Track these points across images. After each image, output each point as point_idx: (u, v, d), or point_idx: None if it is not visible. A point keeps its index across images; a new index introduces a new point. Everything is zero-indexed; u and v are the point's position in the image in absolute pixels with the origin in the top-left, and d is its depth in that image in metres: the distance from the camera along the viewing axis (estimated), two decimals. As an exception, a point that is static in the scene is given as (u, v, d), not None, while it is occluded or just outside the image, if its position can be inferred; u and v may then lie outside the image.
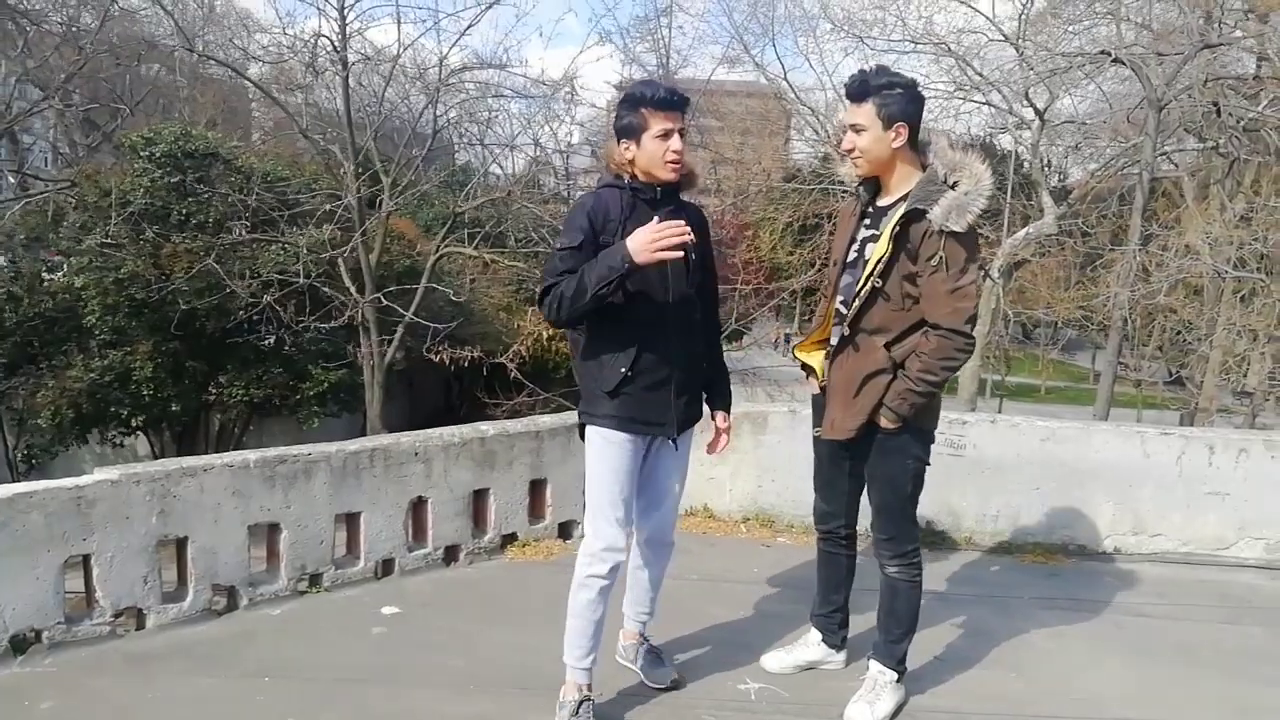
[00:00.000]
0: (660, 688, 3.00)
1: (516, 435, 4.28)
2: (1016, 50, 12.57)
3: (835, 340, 2.78)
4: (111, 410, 12.35)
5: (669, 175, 2.62)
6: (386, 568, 3.98)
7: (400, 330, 11.82)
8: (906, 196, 2.63)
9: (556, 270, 2.58)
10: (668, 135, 2.58)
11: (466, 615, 3.64)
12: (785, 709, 2.94)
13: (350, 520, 3.91)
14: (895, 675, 2.89)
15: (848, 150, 2.67)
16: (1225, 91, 12.45)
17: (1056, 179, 17.86)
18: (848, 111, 2.66)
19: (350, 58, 11.78)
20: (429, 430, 4.24)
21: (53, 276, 13.15)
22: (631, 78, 15.82)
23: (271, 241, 12.29)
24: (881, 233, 2.65)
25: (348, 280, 11.82)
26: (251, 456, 3.64)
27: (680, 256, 2.50)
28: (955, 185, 2.57)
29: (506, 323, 13.86)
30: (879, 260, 2.62)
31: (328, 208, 11.76)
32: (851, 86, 2.64)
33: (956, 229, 2.53)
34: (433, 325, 11.32)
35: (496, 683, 3.04)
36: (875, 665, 2.91)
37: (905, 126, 2.62)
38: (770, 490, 4.72)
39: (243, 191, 12.21)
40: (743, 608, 3.74)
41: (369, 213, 11.92)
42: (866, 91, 2.61)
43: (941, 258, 2.54)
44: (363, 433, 11.84)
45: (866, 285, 2.65)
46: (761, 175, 16.25)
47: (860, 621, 3.19)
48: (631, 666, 3.07)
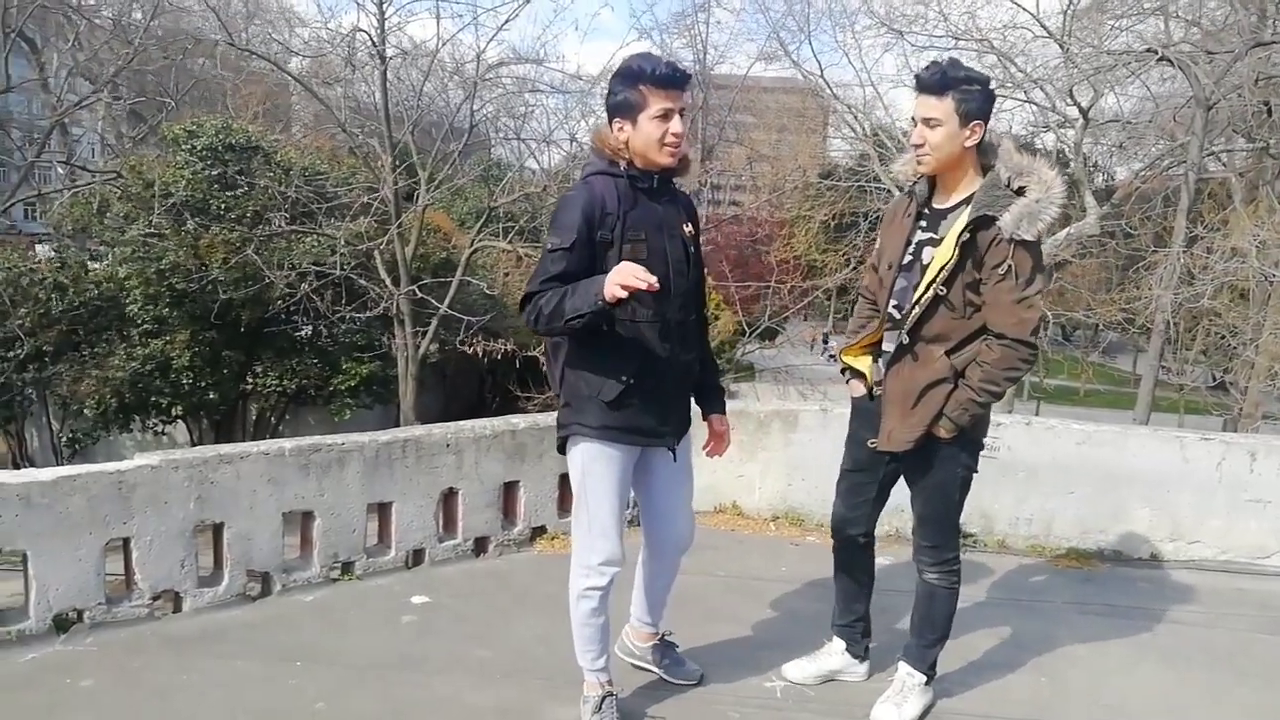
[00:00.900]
0: (689, 684, 2.97)
1: (547, 428, 4.30)
2: (1061, 47, 12.35)
3: (891, 347, 2.68)
4: (152, 399, 12.63)
5: (665, 160, 2.45)
6: (417, 557, 4.03)
7: (435, 323, 11.93)
8: (969, 200, 2.54)
9: (546, 273, 2.41)
10: (667, 116, 2.40)
11: (495, 606, 3.67)
12: (811, 707, 2.93)
13: (382, 510, 3.96)
14: (924, 678, 2.86)
15: (917, 145, 2.54)
16: (1278, 91, 12.14)
17: (1100, 178, 17.55)
18: (920, 104, 2.51)
19: (389, 52, 11.91)
20: (461, 422, 4.28)
21: (97, 266, 13.46)
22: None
23: (309, 233, 12.47)
24: (943, 237, 2.55)
25: (383, 272, 11.95)
26: (287, 445, 3.70)
27: (650, 288, 2.23)
28: (1020, 191, 2.49)
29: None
30: (942, 267, 2.51)
31: (364, 200, 11.90)
32: (929, 78, 2.50)
33: (1027, 237, 2.45)
34: (466, 318, 11.41)
35: (523, 673, 3.06)
36: (904, 667, 2.88)
37: (981, 125, 2.53)
38: (800, 489, 4.70)
39: (282, 184, 12.40)
40: (770, 606, 3.73)
41: (405, 206, 12.04)
42: (946, 84, 2.48)
43: (1010, 266, 2.46)
44: (396, 424, 11.99)
45: (929, 292, 2.54)
46: (798, 172, 16.16)
47: (880, 629, 3.15)
48: (650, 668, 3.00)
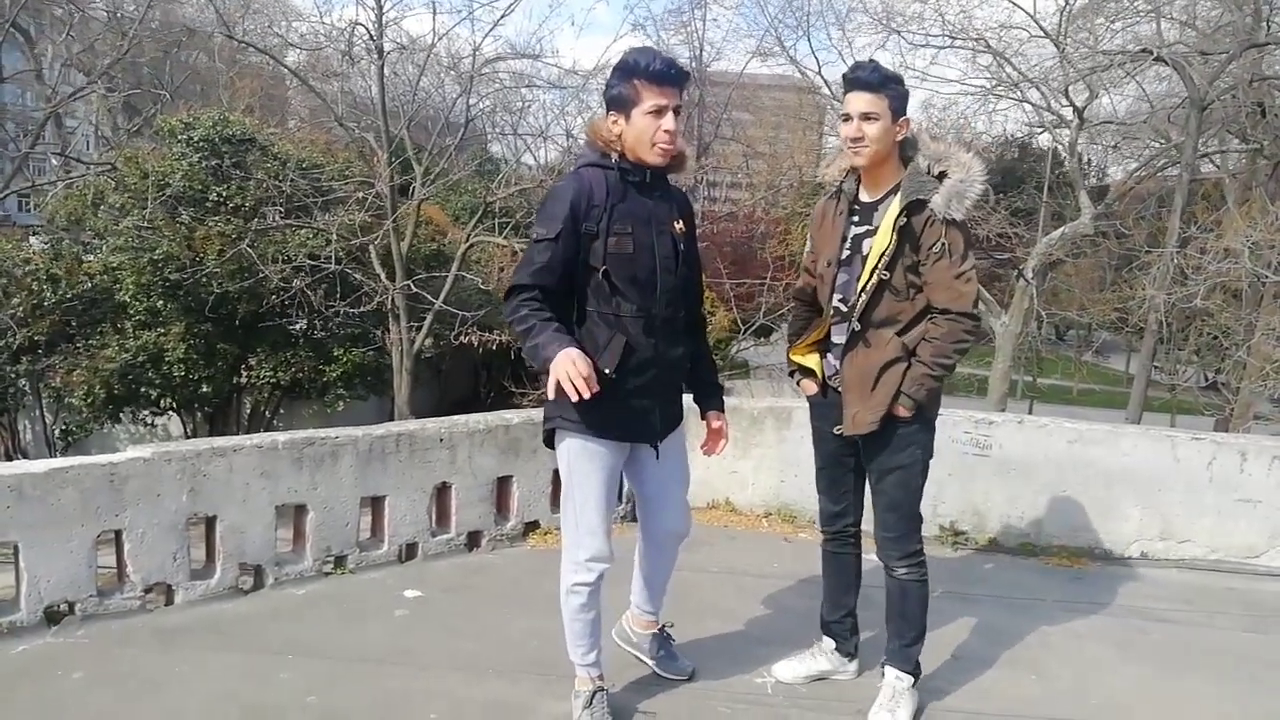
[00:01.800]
0: (680, 678, 2.98)
1: (540, 424, 4.30)
2: (1057, 47, 12.36)
3: (842, 338, 2.78)
4: (142, 391, 12.57)
5: (655, 158, 2.44)
6: (410, 551, 4.03)
7: (430, 317, 11.93)
8: (896, 190, 2.66)
9: (532, 264, 2.41)
10: (660, 113, 2.39)
11: (488, 601, 3.68)
12: (801, 704, 2.94)
13: (375, 504, 3.96)
14: (911, 679, 2.87)
15: (856, 139, 2.61)
16: (1271, 92, 12.18)
17: (1095, 178, 17.59)
18: (856, 100, 2.60)
19: (386, 46, 11.89)
20: (454, 416, 4.29)
21: (91, 258, 13.41)
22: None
23: (303, 227, 12.44)
24: (878, 226, 2.67)
25: (378, 266, 11.94)
26: (280, 438, 3.70)
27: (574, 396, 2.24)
28: (942, 176, 2.62)
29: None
30: (882, 253, 2.63)
31: (360, 195, 11.88)
32: (868, 76, 2.60)
33: (957, 216, 2.59)
34: (461, 313, 11.41)
35: (515, 667, 3.07)
36: (891, 672, 2.87)
37: (908, 121, 2.67)
38: (793, 485, 4.71)
39: (277, 177, 12.36)
40: (762, 602, 3.74)
41: (401, 200, 12.03)
42: (882, 82, 2.60)
43: (944, 245, 2.59)
44: (391, 418, 11.98)
45: (872, 279, 2.65)
46: (793, 170, 16.16)
47: (868, 624, 3.15)
48: (643, 657, 3.02)
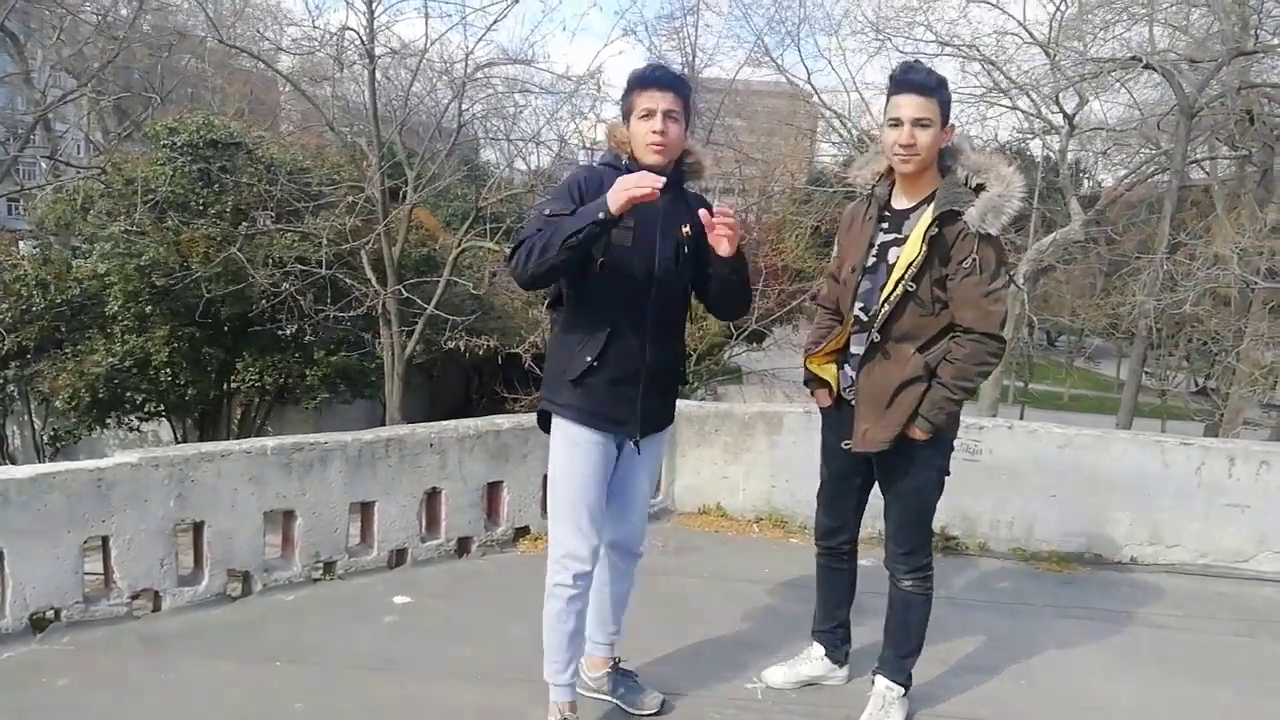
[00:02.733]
0: (649, 714, 2.82)
1: (531, 429, 4.29)
2: (1048, 55, 12.44)
3: (861, 348, 2.66)
4: (128, 395, 12.51)
5: (651, 158, 2.48)
6: (399, 557, 4.01)
7: (421, 322, 11.90)
8: (930, 199, 2.55)
9: (535, 229, 2.44)
10: (649, 115, 2.46)
11: (478, 606, 3.67)
12: (791, 709, 2.93)
13: (365, 509, 3.95)
14: (902, 690, 2.84)
15: (907, 145, 2.48)
16: (1260, 100, 12.27)
17: (1087, 185, 17.68)
18: (908, 104, 2.47)
19: (377, 51, 11.87)
20: (444, 422, 4.27)
21: (83, 263, 13.35)
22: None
23: (293, 231, 12.41)
24: (908, 235, 2.56)
25: (369, 271, 11.91)
26: (269, 444, 3.68)
27: (650, 196, 2.29)
28: (979, 188, 2.51)
29: (525, 315, 13.91)
30: (910, 264, 2.51)
31: (350, 199, 11.85)
32: (921, 77, 2.48)
33: (992, 231, 2.48)
34: (451, 318, 11.39)
35: (505, 674, 3.06)
36: (882, 680, 2.85)
37: (953, 128, 2.56)
38: (784, 491, 4.71)
39: (265, 181, 12.33)
40: (753, 607, 3.74)
41: (392, 205, 12.01)
42: (937, 84, 2.48)
43: (975, 260, 2.48)
44: (382, 424, 11.94)
45: (897, 289, 2.53)
46: (786, 176, 16.19)
47: (863, 631, 3.15)
48: (606, 698, 2.86)
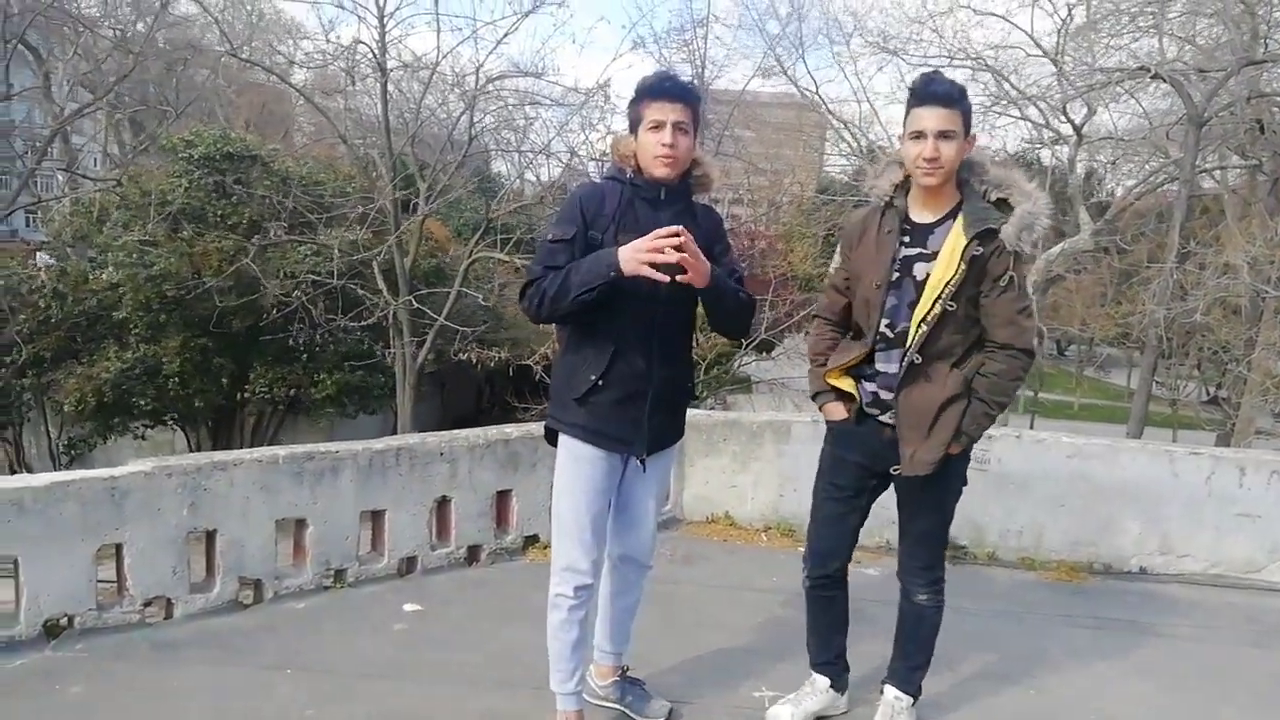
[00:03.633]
0: None
1: (540, 438, 4.29)
2: (1055, 65, 12.45)
3: (890, 366, 2.61)
4: (134, 401, 12.60)
5: (659, 171, 2.45)
6: (409, 565, 4.04)
7: (432, 332, 11.96)
8: (953, 214, 2.52)
9: (544, 263, 2.43)
10: (658, 127, 2.42)
11: (487, 615, 3.68)
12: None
13: (375, 518, 3.97)
14: (911, 700, 2.83)
15: (931, 159, 2.43)
16: (1269, 109, 12.24)
17: (1095, 195, 17.64)
18: (933, 116, 2.43)
19: (389, 65, 11.98)
20: (455, 431, 4.31)
21: (102, 274, 13.49)
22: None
23: (305, 243, 12.51)
24: (935, 252, 2.52)
25: (381, 282, 11.99)
26: (281, 452, 3.72)
27: (665, 279, 2.29)
28: (999, 203, 2.49)
29: (536, 326, 13.96)
30: (948, 282, 2.46)
31: (361, 210, 11.95)
32: (947, 90, 2.44)
33: (1026, 249, 2.46)
34: (462, 329, 11.46)
35: (514, 682, 3.07)
36: (891, 690, 2.83)
37: (974, 138, 2.54)
38: (792, 500, 4.71)
39: (279, 193, 12.45)
40: (760, 616, 3.74)
41: (403, 216, 12.10)
42: (960, 95, 2.45)
43: (1011, 278, 2.46)
44: (393, 433, 11.98)
45: (935, 308, 2.48)
46: (795, 186, 16.23)
47: (871, 642, 3.10)
48: (614, 706, 2.86)
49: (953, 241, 2.48)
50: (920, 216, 2.59)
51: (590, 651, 2.79)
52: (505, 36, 13.42)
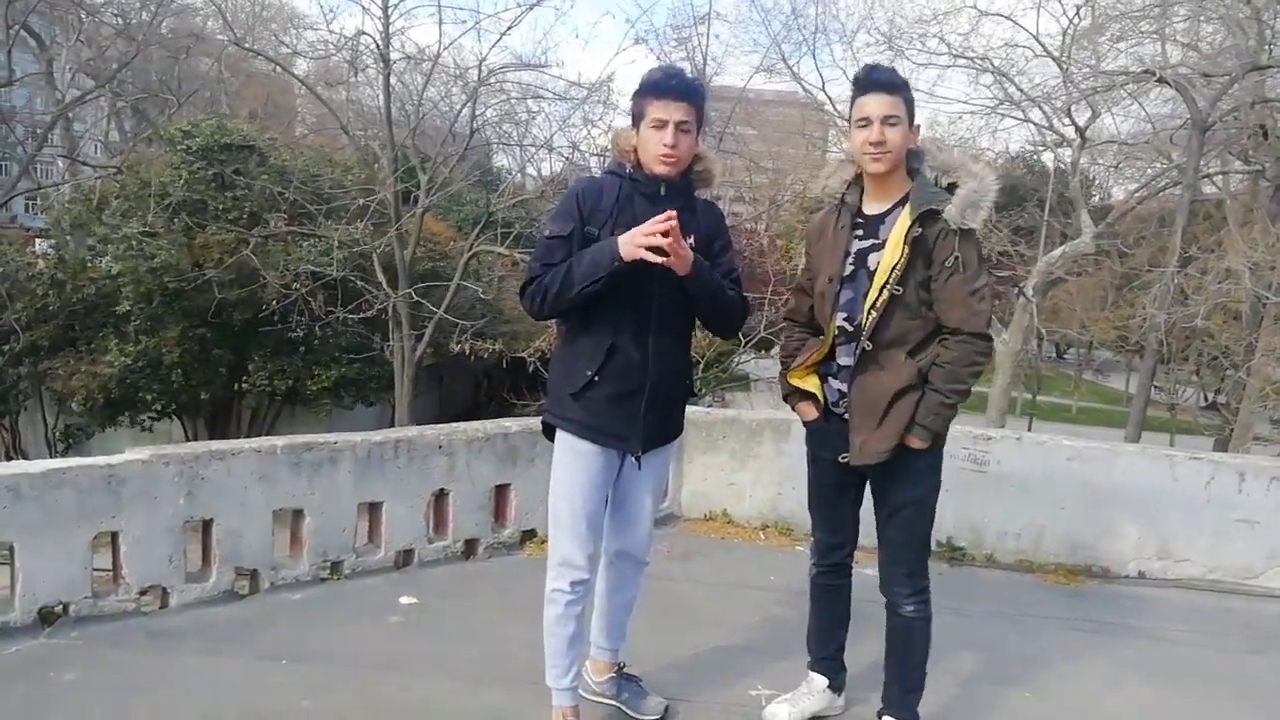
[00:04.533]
0: (653, 719, 2.81)
1: (539, 432, 4.30)
2: (1060, 67, 12.42)
3: (848, 359, 2.61)
4: (140, 396, 12.60)
5: (660, 169, 2.44)
6: (406, 558, 4.03)
7: (431, 326, 11.94)
8: (903, 201, 2.53)
9: (543, 260, 2.44)
10: (661, 126, 2.40)
11: (483, 608, 3.68)
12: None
13: (372, 510, 3.96)
14: None
15: (877, 143, 2.46)
16: (1273, 115, 12.23)
17: (1099, 197, 17.64)
18: (875, 103, 2.46)
19: (392, 56, 11.94)
20: (453, 424, 4.29)
21: (100, 262, 13.47)
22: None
23: (305, 235, 12.48)
24: (885, 240, 2.53)
25: (380, 275, 11.96)
26: (279, 443, 3.70)
27: (659, 260, 2.30)
28: (951, 187, 2.50)
29: (534, 321, 13.92)
30: (893, 267, 2.47)
31: (362, 203, 11.92)
32: (887, 78, 2.49)
33: (973, 225, 2.47)
34: (461, 322, 11.44)
35: (510, 676, 3.06)
36: None
37: (919, 128, 2.56)
38: (790, 498, 4.70)
39: (279, 185, 12.41)
40: (758, 614, 3.74)
41: (404, 209, 12.06)
42: (902, 83, 2.50)
43: (957, 258, 2.46)
44: (391, 425, 11.98)
45: (883, 295, 2.49)
46: (796, 184, 16.18)
47: (867, 641, 3.03)
48: (610, 702, 2.85)
49: (899, 227, 2.51)
50: (872, 209, 2.62)
51: (587, 647, 2.78)
52: (509, 29, 13.35)
